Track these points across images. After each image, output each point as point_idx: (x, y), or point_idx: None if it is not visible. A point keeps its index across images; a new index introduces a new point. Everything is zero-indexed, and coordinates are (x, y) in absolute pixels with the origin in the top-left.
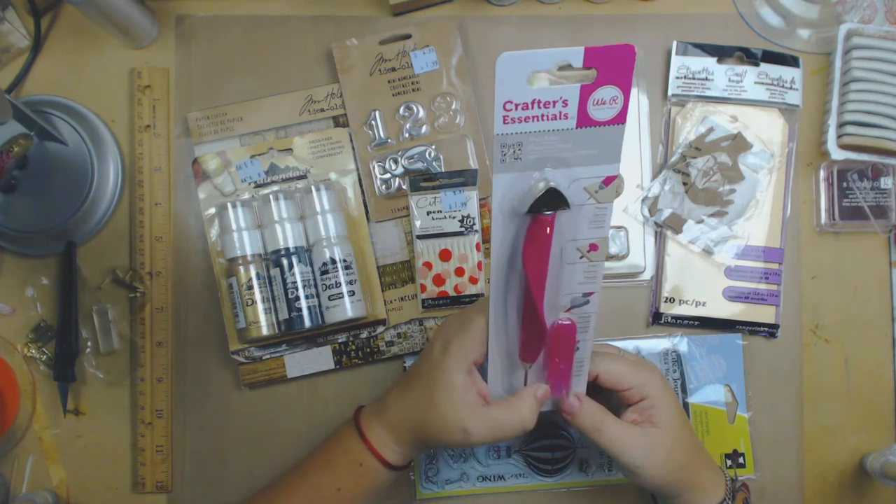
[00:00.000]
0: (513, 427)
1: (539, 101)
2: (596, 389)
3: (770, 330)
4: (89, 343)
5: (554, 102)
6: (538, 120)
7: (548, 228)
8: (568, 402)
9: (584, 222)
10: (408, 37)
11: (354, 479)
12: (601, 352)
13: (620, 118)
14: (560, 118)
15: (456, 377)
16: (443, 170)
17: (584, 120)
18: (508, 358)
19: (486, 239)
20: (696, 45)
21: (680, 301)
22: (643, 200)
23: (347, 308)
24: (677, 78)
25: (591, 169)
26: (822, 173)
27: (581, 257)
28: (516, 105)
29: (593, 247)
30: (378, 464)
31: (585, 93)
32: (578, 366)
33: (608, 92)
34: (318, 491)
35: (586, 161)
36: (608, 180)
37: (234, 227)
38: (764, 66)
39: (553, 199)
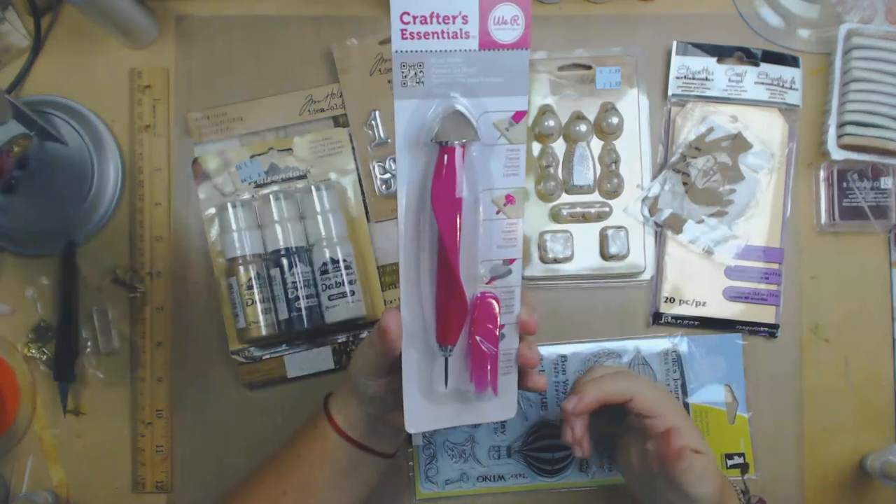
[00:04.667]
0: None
1: (438, 15)
2: (600, 413)
3: (770, 330)
4: (89, 343)
5: (454, 17)
6: (439, 37)
7: (456, 159)
8: (572, 404)
9: (497, 166)
10: None
11: (309, 441)
12: (632, 373)
13: (524, 42)
14: (461, 36)
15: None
16: None
17: (486, 41)
18: (425, 345)
19: None
20: (696, 45)
21: (680, 301)
22: (643, 200)
23: (348, 308)
24: (677, 78)
25: (498, 100)
26: (822, 173)
27: (498, 212)
28: (415, 17)
29: (510, 199)
30: (330, 429)
31: (485, 9)
32: (506, 361)
33: (508, 10)
34: (282, 460)
35: (493, 90)
36: (518, 116)
37: (233, 227)
38: (764, 66)
39: (460, 125)
